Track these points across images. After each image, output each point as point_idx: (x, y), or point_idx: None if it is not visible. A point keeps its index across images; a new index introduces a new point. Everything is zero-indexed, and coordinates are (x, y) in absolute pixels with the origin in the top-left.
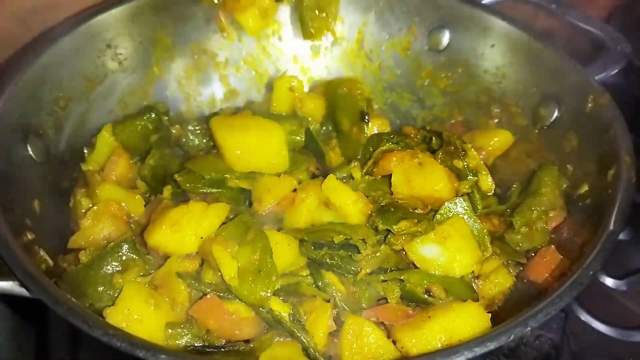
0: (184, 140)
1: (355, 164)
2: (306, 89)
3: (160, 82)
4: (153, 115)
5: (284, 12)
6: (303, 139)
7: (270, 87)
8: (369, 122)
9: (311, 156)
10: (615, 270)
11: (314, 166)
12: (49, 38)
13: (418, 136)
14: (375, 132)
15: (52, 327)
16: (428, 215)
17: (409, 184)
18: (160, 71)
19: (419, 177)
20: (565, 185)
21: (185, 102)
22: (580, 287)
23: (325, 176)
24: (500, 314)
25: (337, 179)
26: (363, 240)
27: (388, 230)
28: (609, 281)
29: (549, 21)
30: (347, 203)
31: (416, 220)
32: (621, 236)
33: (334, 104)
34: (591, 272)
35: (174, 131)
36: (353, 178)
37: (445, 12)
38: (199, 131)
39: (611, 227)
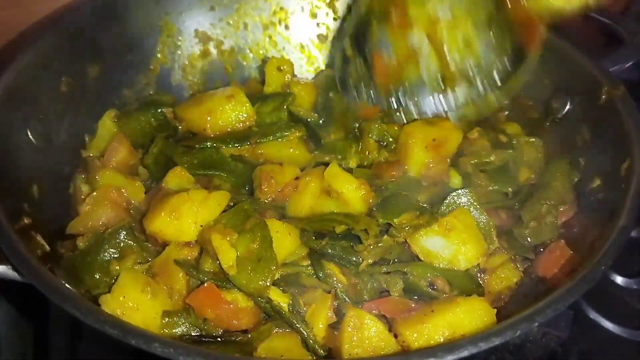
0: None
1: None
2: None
3: (165, 70)
4: (158, 111)
5: (292, 0)
6: (286, 115)
7: None
8: None
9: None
10: (625, 268)
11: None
12: (51, 21)
13: None
14: None
15: (52, 323)
16: (432, 208)
17: None
18: (165, 59)
19: None
20: (576, 179)
21: (189, 91)
22: (591, 283)
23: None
24: (507, 309)
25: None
26: (365, 230)
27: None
28: (619, 279)
29: None
30: (349, 190)
31: (418, 213)
32: (632, 234)
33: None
34: (602, 268)
35: (180, 128)
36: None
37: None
38: None
39: (623, 222)
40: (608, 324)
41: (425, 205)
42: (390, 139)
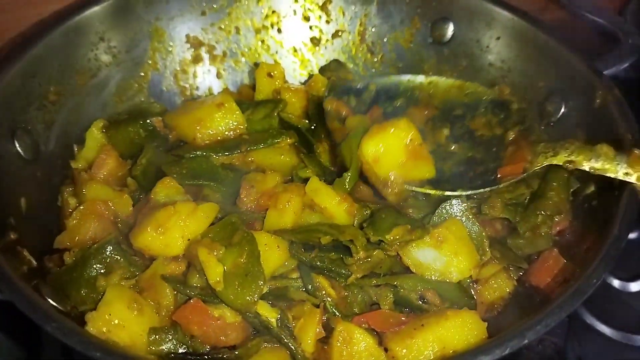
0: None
1: None
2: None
3: (156, 76)
4: (147, 122)
5: (284, 3)
6: (277, 122)
7: None
8: None
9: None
10: (622, 271)
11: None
12: (39, 30)
13: None
14: None
15: (44, 340)
16: (422, 218)
17: None
18: (156, 65)
19: None
20: (575, 187)
21: (181, 97)
22: (583, 296)
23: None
24: (500, 319)
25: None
26: (351, 240)
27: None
28: (616, 283)
29: (559, 13)
30: (332, 204)
31: (410, 227)
32: (630, 235)
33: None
34: (595, 281)
35: (170, 137)
36: None
37: (449, 3)
38: None
39: (617, 231)
40: (605, 329)
41: (414, 216)
42: None
